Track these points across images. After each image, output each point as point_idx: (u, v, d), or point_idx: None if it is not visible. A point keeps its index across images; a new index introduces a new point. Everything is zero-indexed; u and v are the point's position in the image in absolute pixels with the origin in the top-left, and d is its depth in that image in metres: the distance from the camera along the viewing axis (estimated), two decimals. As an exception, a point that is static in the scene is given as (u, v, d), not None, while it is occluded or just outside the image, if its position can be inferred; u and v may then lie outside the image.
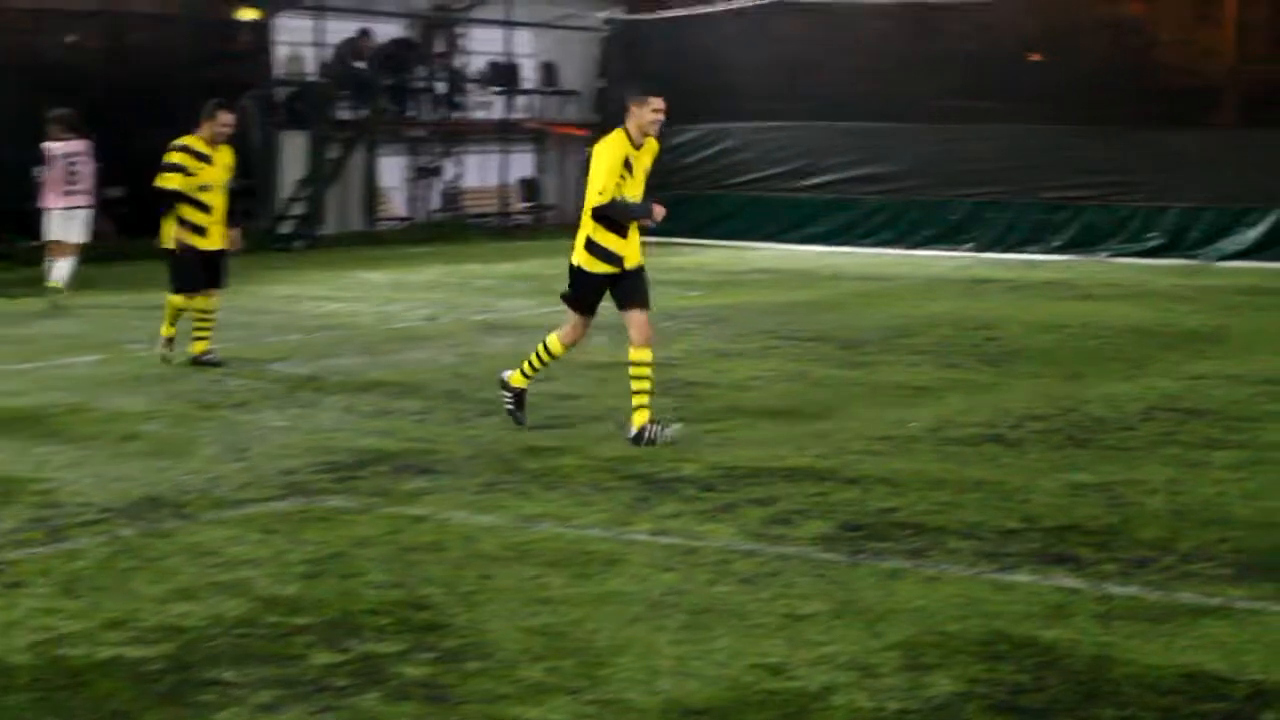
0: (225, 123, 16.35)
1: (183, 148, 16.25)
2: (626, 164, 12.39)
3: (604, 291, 12.60)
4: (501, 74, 36.34)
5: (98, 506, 10.31)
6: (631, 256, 12.55)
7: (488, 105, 36.21)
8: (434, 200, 35.68)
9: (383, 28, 34.27)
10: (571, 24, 37.05)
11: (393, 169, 34.88)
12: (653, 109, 12.39)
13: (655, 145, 12.70)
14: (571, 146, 36.87)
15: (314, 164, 32.10)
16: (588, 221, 12.45)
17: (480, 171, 36.57)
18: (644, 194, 12.62)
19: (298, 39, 32.87)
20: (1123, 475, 11.37)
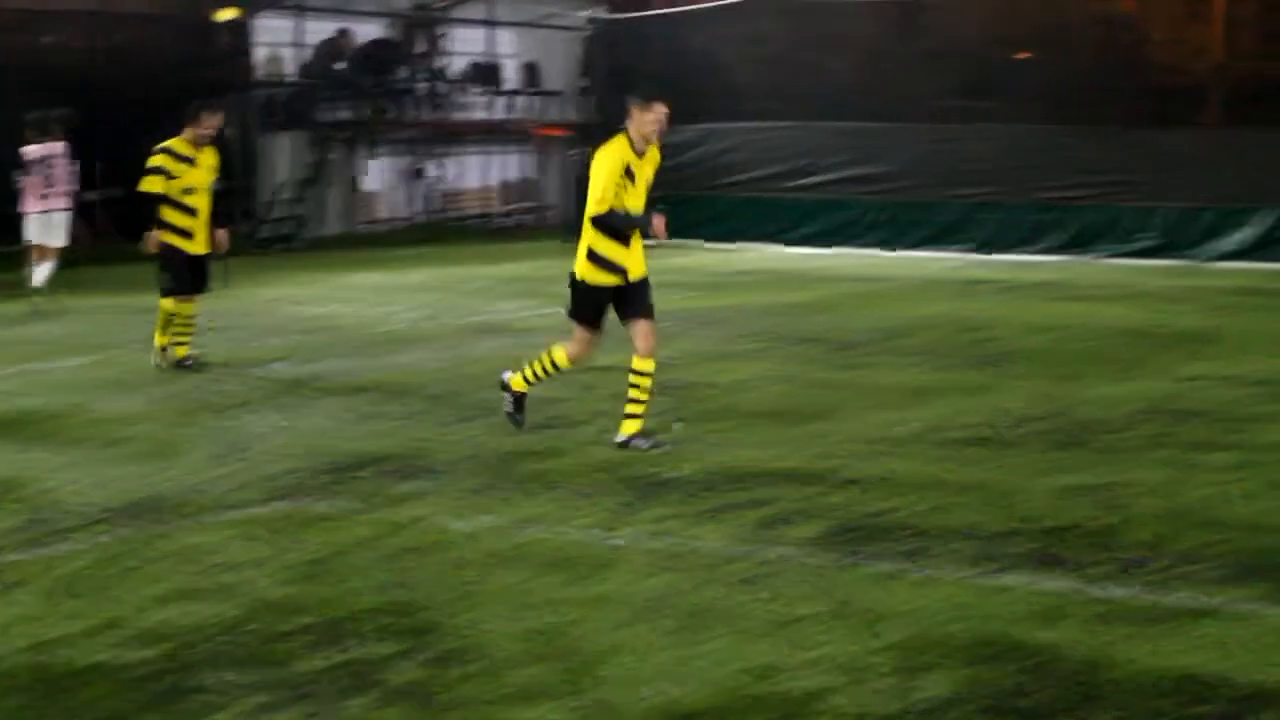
0: (209, 124, 16.27)
1: (165, 150, 16.17)
2: (628, 172, 12.15)
3: (607, 304, 12.36)
4: (484, 74, 36.30)
5: (90, 510, 10.27)
6: (635, 267, 12.34)
7: (470, 106, 36.16)
8: (419, 202, 35.65)
9: (363, 28, 34.21)
10: (554, 23, 37.01)
11: (379, 170, 34.85)
12: (656, 114, 12.15)
13: (658, 153, 12.47)
14: (555, 148, 36.86)
15: (299, 166, 32.04)
16: (589, 230, 12.23)
17: (466, 173, 36.54)
18: (646, 204, 12.41)
19: (277, 39, 32.81)
20: (1117, 477, 11.35)
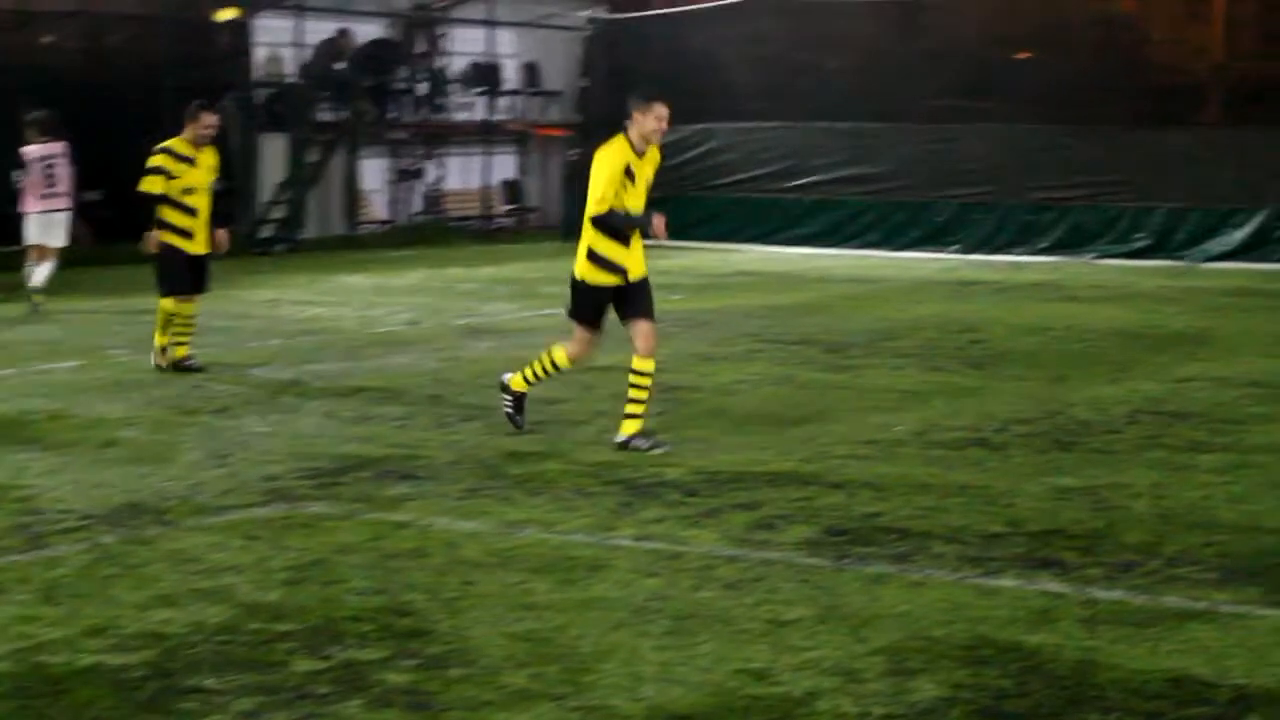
0: (208, 124, 16.22)
1: (165, 150, 16.13)
2: (628, 172, 12.12)
3: (607, 304, 12.36)
4: (483, 74, 36.29)
5: (78, 513, 10.26)
6: (635, 267, 12.33)
7: (470, 106, 36.15)
8: (416, 203, 35.64)
9: (363, 28, 34.20)
10: (554, 23, 36.99)
11: (374, 171, 34.83)
12: (656, 115, 12.11)
13: (658, 154, 12.44)
14: (554, 148, 36.84)
15: (294, 167, 32.05)
16: (588, 230, 12.21)
17: (462, 174, 36.53)
18: (645, 205, 12.36)
19: (277, 40, 32.80)
20: (1108, 479, 11.36)
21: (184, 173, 16.06)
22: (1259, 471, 11.65)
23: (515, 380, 12.90)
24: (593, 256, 12.26)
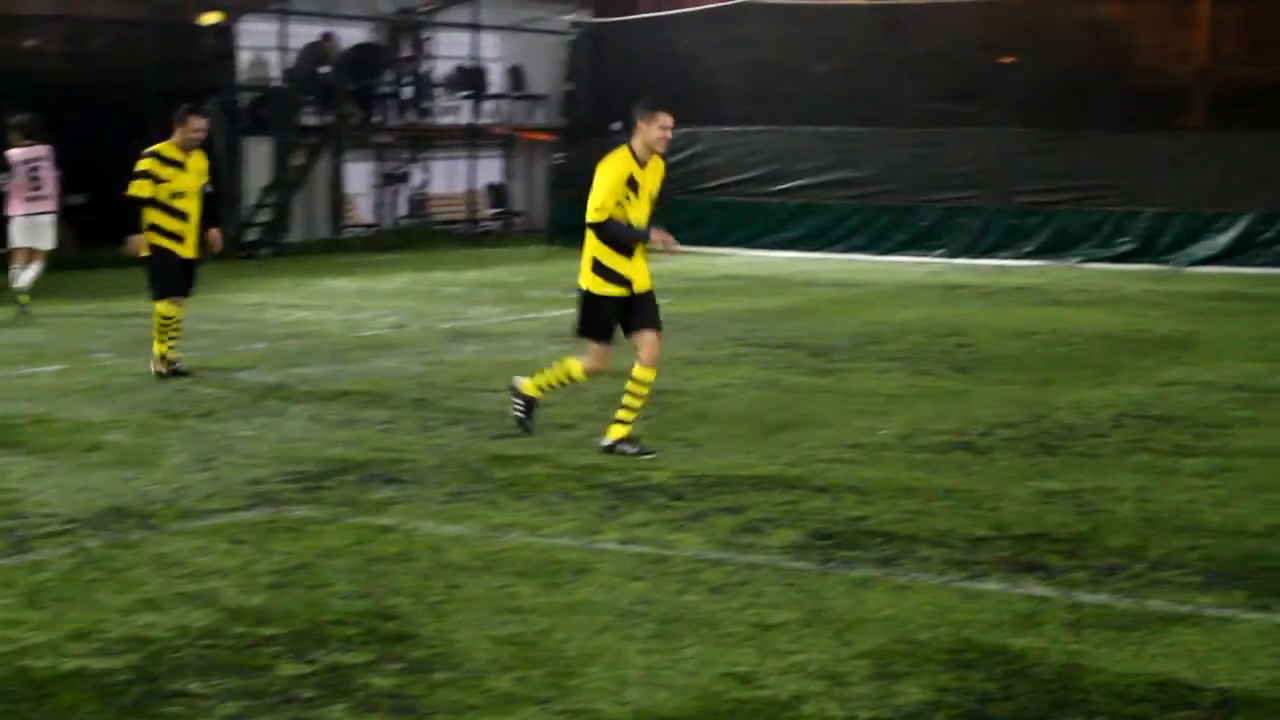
0: (197, 128, 16.15)
1: (153, 154, 16.04)
2: (631, 183, 12.04)
3: (616, 315, 12.22)
4: (468, 78, 36.29)
5: (62, 517, 10.23)
6: (640, 279, 12.23)
7: (455, 110, 36.14)
8: (401, 207, 35.62)
9: (348, 32, 34.18)
10: (538, 27, 36.98)
11: (359, 175, 34.81)
12: (661, 125, 12.02)
13: (662, 165, 12.35)
14: (539, 152, 36.83)
15: (279, 170, 32.03)
16: (592, 241, 12.12)
17: (448, 177, 36.51)
18: (650, 217, 12.25)
19: (261, 43, 32.77)
20: (1093, 483, 11.37)
21: (173, 177, 15.98)
22: (1243, 475, 11.66)
23: (527, 386, 12.75)
24: (598, 268, 12.16)
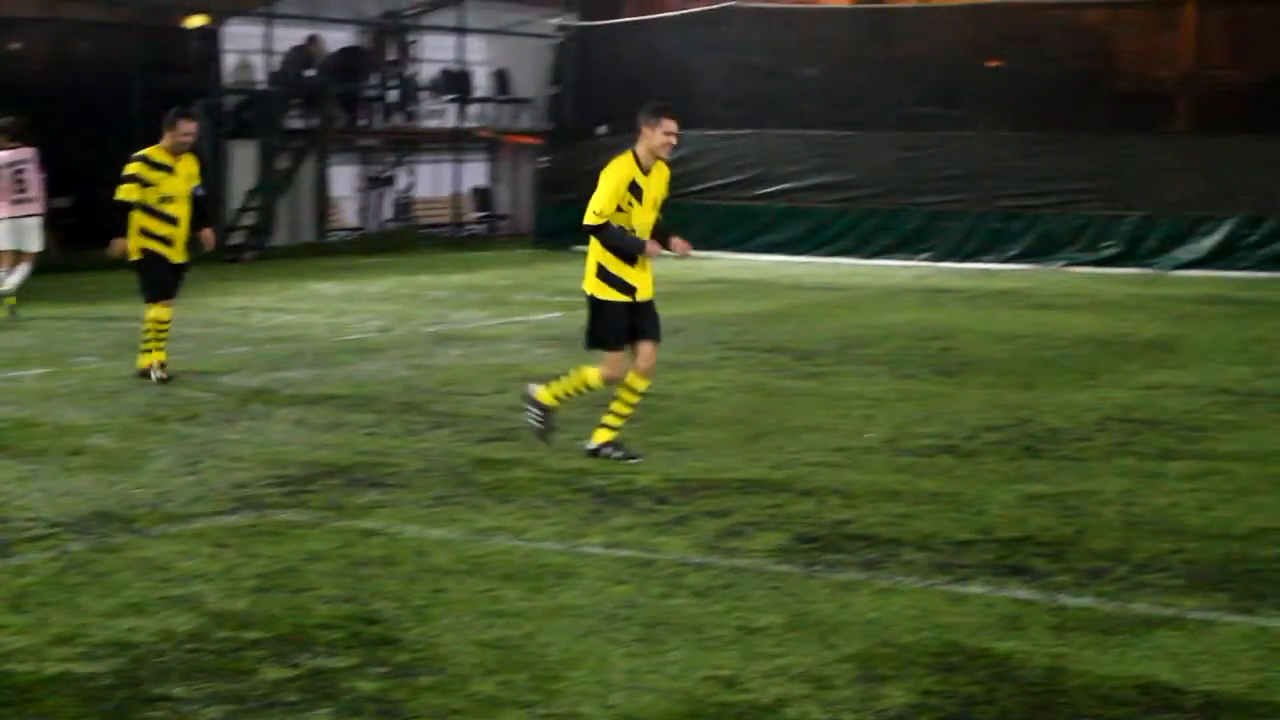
0: (186, 131, 16.00)
1: (141, 158, 15.93)
2: (634, 189, 12.02)
3: (625, 318, 12.11)
4: (454, 82, 36.27)
5: (46, 521, 10.22)
6: (644, 287, 12.18)
7: (440, 114, 36.13)
8: (386, 210, 35.60)
9: (333, 35, 34.17)
10: (524, 31, 36.99)
11: (344, 178, 34.79)
12: (665, 130, 12.02)
13: (666, 171, 12.34)
14: (525, 155, 36.82)
15: (264, 174, 32.00)
16: (596, 247, 12.09)
17: (433, 181, 36.51)
18: (656, 224, 12.24)
19: (247, 47, 32.75)
20: (1077, 486, 11.38)
21: (162, 180, 15.86)
22: (1227, 479, 11.68)
23: (544, 394, 12.47)
24: (603, 274, 12.11)
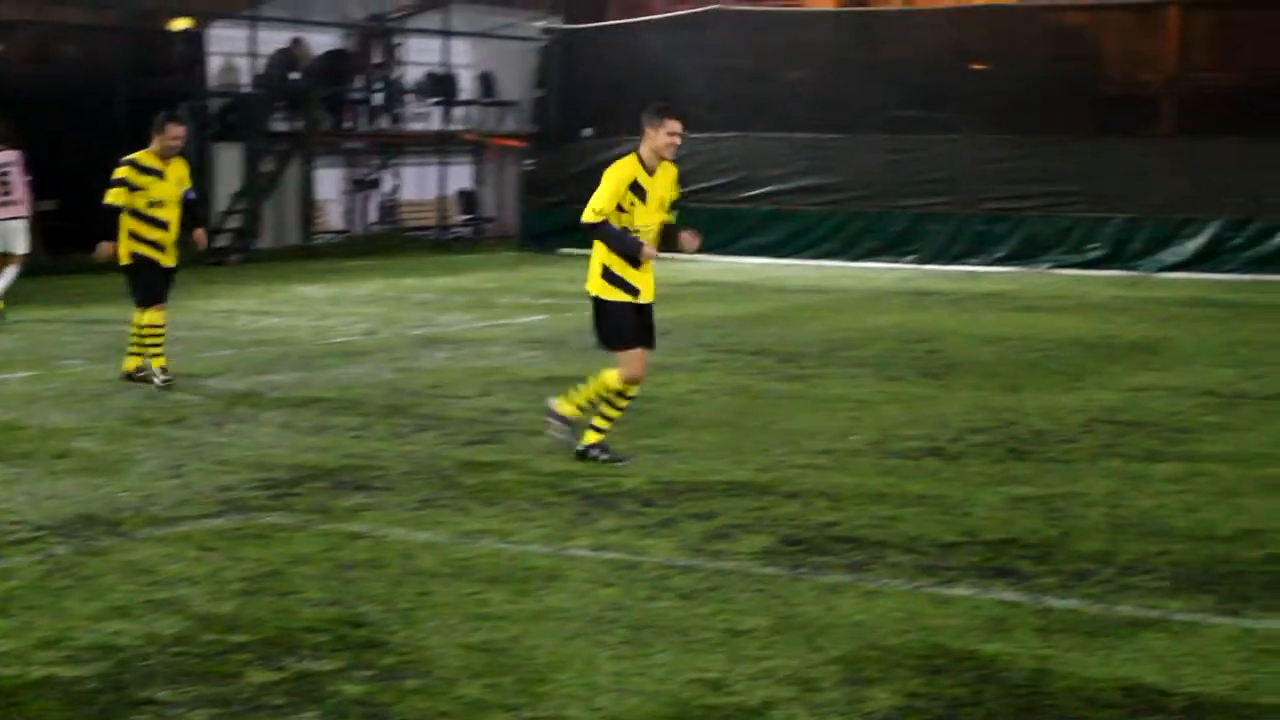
0: (175, 135, 15.86)
1: (130, 162, 15.81)
2: (637, 189, 11.99)
3: (632, 318, 12.11)
4: (439, 85, 36.26)
5: (31, 524, 10.20)
6: (646, 290, 12.20)
7: (425, 116, 36.12)
8: (372, 213, 35.58)
9: (318, 38, 34.14)
10: (509, 34, 36.98)
11: (330, 181, 34.76)
12: (669, 131, 11.98)
13: (674, 170, 12.29)
14: (510, 158, 36.80)
15: (249, 177, 31.97)
16: (600, 249, 12.07)
17: (418, 184, 36.48)
18: (662, 224, 12.22)
19: (232, 49, 32.71)
20: (1062, 488, 11.40)
21: (151, 185, 15.74)
22: (1212, 480, 11.69)
23: (564, 407, 12.35)
24: (607, 275, 12.10)
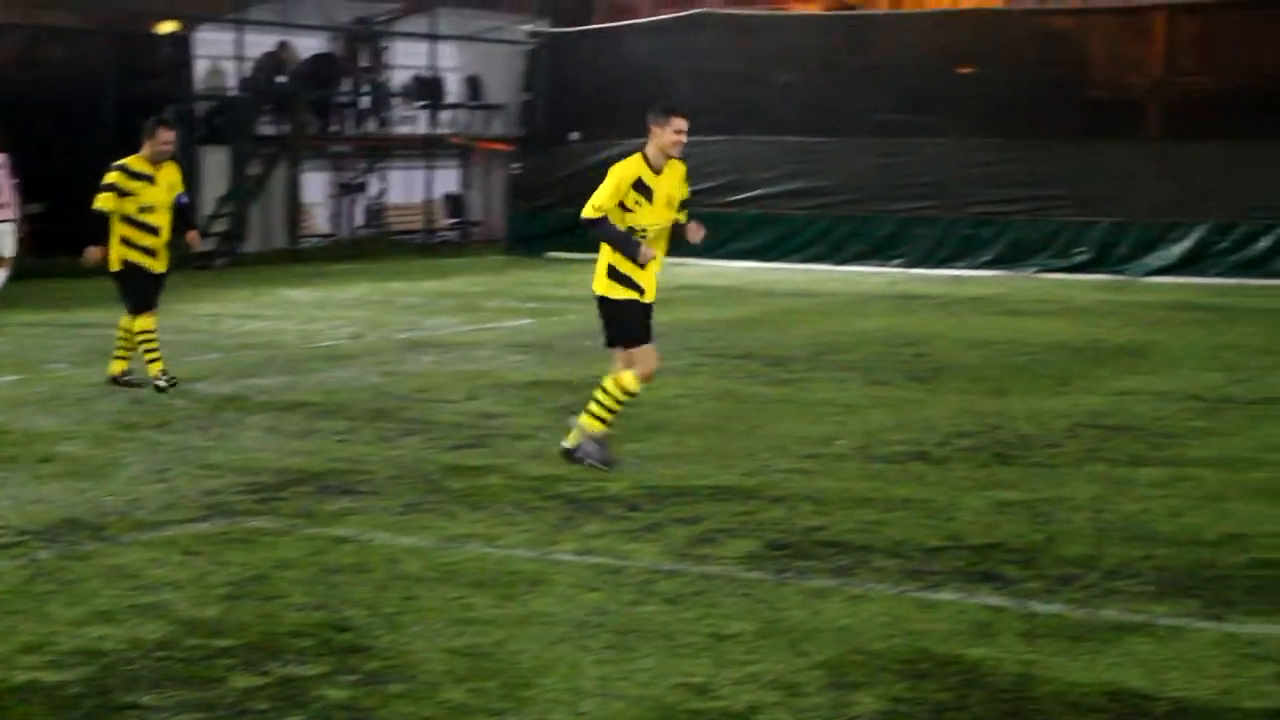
0: (166, 140, 15.74)
1: (120, 168, 15.69)
2: (642, 188, 11.95)
3: (640, 315, 12.12)
4: (426, 88, 36.25)
5: (14, 529, 10.18)
6: (649, 289, 12.19)
7: (412, 120, 36.10)
8: (358, 217, 35.56)
9: (305, 41, 34.11)
10: (496, 37, 36.98)
11: (316, 185, 34.73)
12: (674, 129, 11.93)
13: (682, 168, 12.26)
14: (497, 162, 36.79)
15: (236, 180, 31.94)
16: (606, 249, 12.06)
17: (405, 187, 36.46)
18: (672, 222, 12.22)
19: (218, 53, 32.69)
20: (1048, 492, 11.40)
21: (141, 190, 15.61)
22: (1197, 485, 11.70)
23: (590, 424, 12.13)
24: (613, 274, 12.09)
